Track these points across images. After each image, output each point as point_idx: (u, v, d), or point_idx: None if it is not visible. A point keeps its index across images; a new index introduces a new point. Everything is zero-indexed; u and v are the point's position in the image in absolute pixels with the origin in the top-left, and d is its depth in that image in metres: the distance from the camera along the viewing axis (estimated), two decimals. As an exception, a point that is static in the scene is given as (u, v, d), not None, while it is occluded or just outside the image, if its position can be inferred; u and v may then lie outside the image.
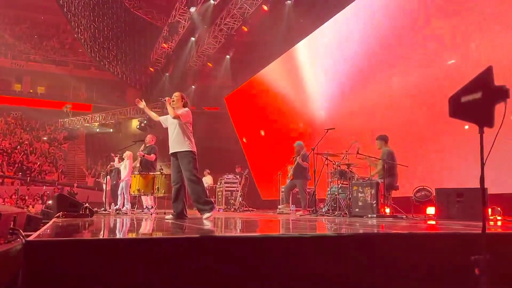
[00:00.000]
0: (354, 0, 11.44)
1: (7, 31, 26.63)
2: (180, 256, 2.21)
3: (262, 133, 17.22)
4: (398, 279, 2.48)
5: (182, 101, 5.42)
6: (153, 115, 5.79)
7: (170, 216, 5.26)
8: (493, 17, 7.91)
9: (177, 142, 5.26)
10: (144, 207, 9.06)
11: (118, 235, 3.24)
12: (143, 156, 8.89)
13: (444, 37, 8.93)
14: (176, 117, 5.22)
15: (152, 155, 8.78)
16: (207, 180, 13.85)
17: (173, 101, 5.39)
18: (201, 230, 3.57)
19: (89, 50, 21.49)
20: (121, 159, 9.78)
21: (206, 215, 5.07)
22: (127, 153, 9.40)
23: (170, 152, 5.34)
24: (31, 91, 28.49)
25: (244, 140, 17.64)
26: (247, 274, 2.27)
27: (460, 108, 1.88)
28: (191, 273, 2.18)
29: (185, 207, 5.30)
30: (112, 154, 10.06)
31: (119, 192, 9.62)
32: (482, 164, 1.84)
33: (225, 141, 19.51)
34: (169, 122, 5.37)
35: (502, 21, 7.70)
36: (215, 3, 16.34)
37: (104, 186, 10.30)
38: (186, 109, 5.36)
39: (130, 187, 8.98)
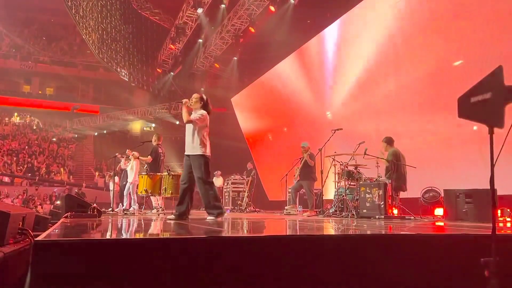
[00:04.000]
0: (361, 0, 11.39)
1: (16, 33, 26.89)
2: (187, 256, 2.21)
3: (270, 137, 17.19)
4: (406, 280, 2.46)
5: (201, 102, 5.36)
6: (185, 115, 5.34)
7: (172, 216, 5.24)
8: (500, 16, 7.83)
9: (191, 145, 5.23)
10: (153, 207, 9.07)
11: (125, 236, 3.25)
12: (137, 157, 8.93)
13: (451, 37, 8.86)
14: (189, 122, 5.19)
15: (148, 156, 8.75)
16: (219, 182, 13.81)
17: (191, 103, 5.35)
18: (208, 230, 3.57)
19: (97, 52, 21.63)
20: (128, 160, 9.79)
21: (210, 218, 5.10)
22: (134, 154, 9.41)
23: (185, 153, 5.34)
24: (39, 92, 28.76)
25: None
26: (254, 274, 2.27)
27: (469, 108, 1.86)
28: (199, 273, 2.18)
29: (188, 209, 5.29)
30: (118, 155, 10.05)
31: (125, 193, 9.64)
32: (492, 165, 1.82)
33: (231, 142, 19.52)
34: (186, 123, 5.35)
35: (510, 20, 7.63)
36: (226, 6, 16.39)
37: (111, 186, 10.34)
38: (202, 112, 5.26)
39: (137, 188, 8.99)
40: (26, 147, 23.40)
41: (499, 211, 6.09)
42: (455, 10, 8.87)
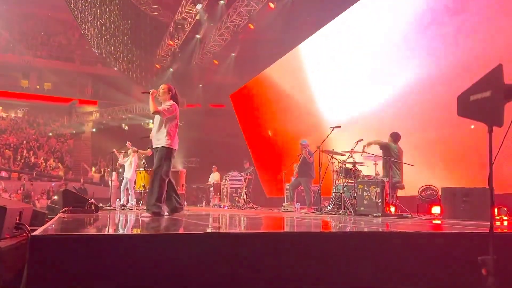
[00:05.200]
0: (361, -2, 11.38)
1: (15, 27, 26.74)
2: (183, 251, 2.21)
3: (270, 133, 17.18)
4: (403, 278, 2.46)
5: (169, 93, 5.14)
6: (151, 106, 5.06)
7: (166, 213, 5.09)
8: (501, 13, 7.83)
9: (157, 137, 5.04)
10: None
11: (122, 231, 3.25)
12: (137, 151, 8.94)
13: (451, 35, 8.86)
14: (156, 113, 4.98)
15: (148, 149, 8.74)
16: (215, 177, 13.82)
17: (159, 94, 5.12)
18: (205, 227, 3.57)
19: (95, 47, 21.54)
20: (126, 156, 9.78)
21: (146, 214, 4.86)
22: (134, 148, 9.40)
23: (153, 146, 5.15)
24: (38, 87, 28.66)
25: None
26: (249, 270, 2.27)
27: (468, 106, 1.86)
28: (195, 268, 2.18)
29: (177, 200, 5.16)
30: (115, 151, 10.03)
31: (122, 188, 9.64)
32: (491, 164, 1.82)
33: (230, 139, 19.52)
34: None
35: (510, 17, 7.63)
36: (225, 2, 16.34)
37: (110, 182, 10.33)
38: (170, 103, 5.05)
39: (135, 183, 8.99)
40: (24, 141, 23.34)
41: (496, 210, 6.10)
42: (454, 7, 8.86)
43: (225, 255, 2.25)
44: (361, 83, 11.56)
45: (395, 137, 7.31)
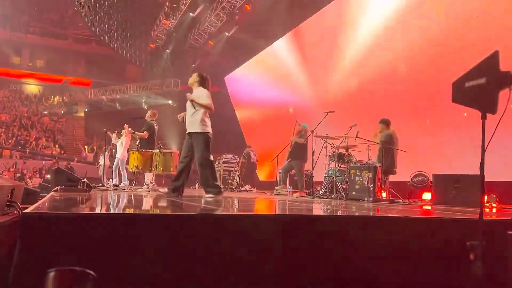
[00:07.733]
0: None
1: (6, 2, 26.18)
2: (176, 232, 2.22)
3: (262, 117, 17.13)
4: (393, 262, 2.50)
5: (198, 79, 5.43)
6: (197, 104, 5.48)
7: (165, 189, 5.31)
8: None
9: (192, 123, 5.28)
10: (144, 183, 9.05)
11: (113, 211, 3.25)
12: (133, 133, 8.88)
13: (447, 21, 8.82)
14: (205, 108, 5.28)
15: (144, 132, 8.67)
16: None
17: (190, 83, 5.49)
18: (198, 207, 3.58)
19: (89, 24, 21.17)
20: (119, 136, 9.71)
21: (209, 195, 5.13)
22: (125, 130, 9.34)
23: (187, 132, 5.39)
24: (30, 64, 28.24)
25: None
26: (241, 252, 2.28)
27: (463, 93, 1.85)
28: (187, 249, 2.19)
29: (182, 187, 5.34)
30: (106, 131, 9.94)
31: (113, 168, 9.59)
32: (483, 151, 1.83)
33: (224, 121, 19.44)
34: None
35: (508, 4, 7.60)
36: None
37: (102, 161, 10.29)
38: (201, 91, 5.33)
39: (127, 164, 8.94)
40: (17, 119, 23.12)
41: (485, 197, 6.17)
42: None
43: (217, 236, 2.26)
44: (356, 66, 11.51)
45: (387, 122, 7.31)
